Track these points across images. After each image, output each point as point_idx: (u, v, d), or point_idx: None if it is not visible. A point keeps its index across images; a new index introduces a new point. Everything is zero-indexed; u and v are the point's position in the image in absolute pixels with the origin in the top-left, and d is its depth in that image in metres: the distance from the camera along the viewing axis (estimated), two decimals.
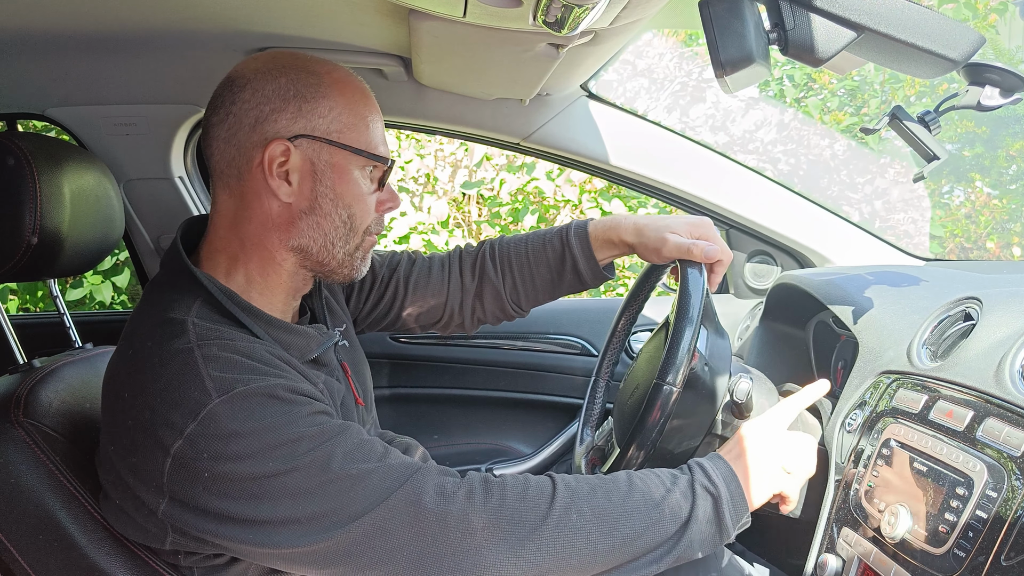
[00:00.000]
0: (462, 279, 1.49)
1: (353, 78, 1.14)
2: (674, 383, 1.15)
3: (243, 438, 0.95)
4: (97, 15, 1.28)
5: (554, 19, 0.95)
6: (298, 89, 1.08)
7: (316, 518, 0.96)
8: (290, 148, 1.07)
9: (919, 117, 1.16)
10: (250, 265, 1.13)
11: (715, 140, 4.49)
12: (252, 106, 1.07)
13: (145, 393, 0.99)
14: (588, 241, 1.41)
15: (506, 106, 1.87)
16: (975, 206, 4.61)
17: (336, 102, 1.09)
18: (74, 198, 1.28)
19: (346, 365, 1.27)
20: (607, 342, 1.57)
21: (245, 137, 1.08)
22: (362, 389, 1.32)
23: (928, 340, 1.25)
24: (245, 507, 0.96)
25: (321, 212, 1.11)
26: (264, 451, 0.95)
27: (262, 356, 1.03)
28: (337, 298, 1.40)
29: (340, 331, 1.28)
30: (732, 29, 0.91)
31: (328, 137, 1.09)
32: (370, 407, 1.37)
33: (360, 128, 1.11)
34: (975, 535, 0.95)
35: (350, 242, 1.15)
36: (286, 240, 1.12)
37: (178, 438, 0.95)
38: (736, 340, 1.98)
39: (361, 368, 1.36)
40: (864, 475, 1.18)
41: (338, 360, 1.25)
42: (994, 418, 1.01)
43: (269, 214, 1.11)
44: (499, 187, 4.55)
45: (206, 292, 1.07)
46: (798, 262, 2.09)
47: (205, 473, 0.95)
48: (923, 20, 0.91)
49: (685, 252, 1.28)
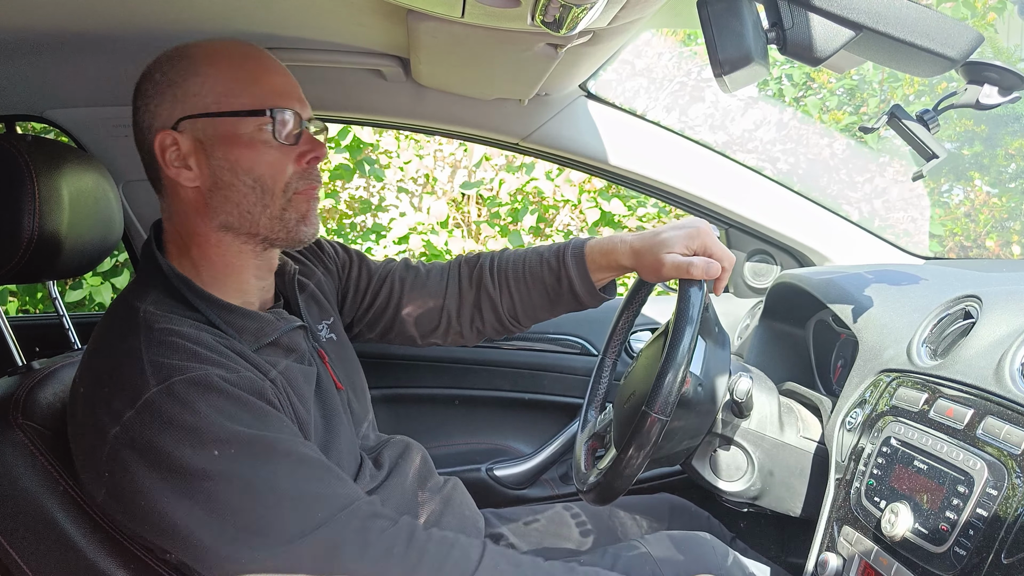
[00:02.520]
0: (460, 286, 1.47)
1: (230, 45, 1.13)
2: (663, 413, 1.14)
3: (176, 430, 0.94)
4: (95, 16, 1.28)
5: (552, 19, 0.95)
6: (169, 77, 1.10)
7: (232, 534, 0.95)
8: (176, 135, 1.09)
9: (918, 116, 1.16)
10: (192, 252, 1.15)
11: (714, 139, 4.50)
12: (140, 109, 1.12)
13: (93, 380, 1.01)
14: (584, 264, 1.38)
15: (505, 106, 1.87)
16: (974, 204, 4.61)
17: (207, 75, 1.10)
18: (73, 200, 1.28)
19: (323, 352, 1.27)
20: (617, 317, 1.56)
21: (143, 139, 1.12)
22: (348, 381, 1.31)
23: (928, 338, 1.25)
24: (171, 504, 0.95)
25: (225, 185, 1.11)
26: (196, 446, 0.94)
27: (208, 343, 1.04)
28: (326, 293, 1.40)
29: (327, 323, 1.31)
30: (731, 28, 0.91)
31: (206, 111, 1.09)
32: (364, 404, 1.36)
33: (240, 91, 1.10)
34: (976, 533, 0.95)
35: (271, 205, 1.13)
36: (208, 221, 1.13)
37: (115, 424, 0.95)
38: (736, 339, 1.98)
39: (347, 362, 1.36)
40: (864, 474, 1.18)
41: (314, 347, 1.25)
42: (994, 416, 1.01)
43: (186, 202, 1.13)
44: (498, 187, 4.56)
45: (164, 279, 1.10)
46: (798, 261, 2.09)
47: (138, 462, 0.95)
48: (921, 19, 0.91)
49: (684, 272, 1.23)
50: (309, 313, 1.30)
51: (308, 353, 1.22)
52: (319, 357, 1.25)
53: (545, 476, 2.16)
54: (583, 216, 4.58)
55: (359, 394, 1.36)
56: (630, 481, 1.19)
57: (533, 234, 4.68)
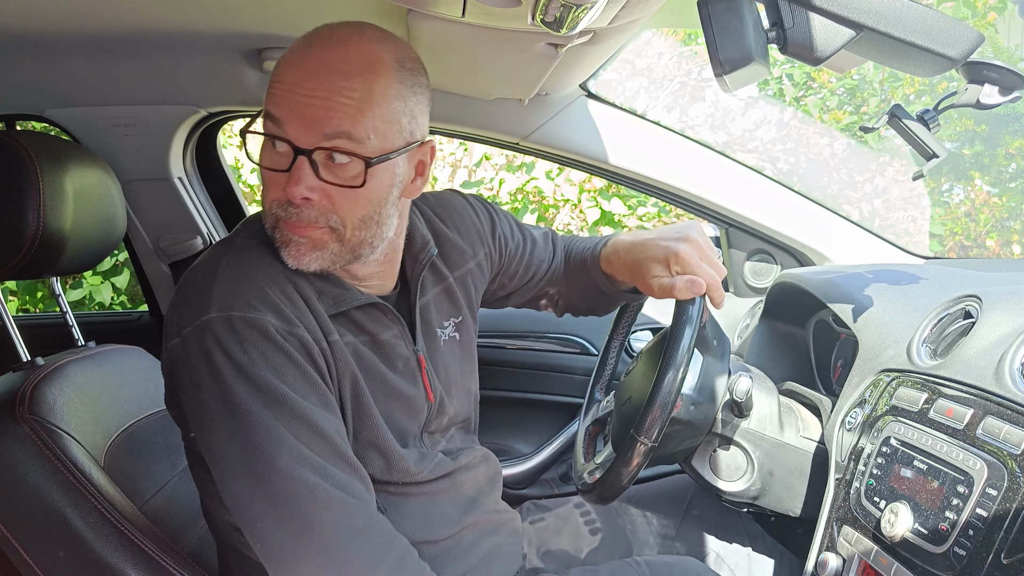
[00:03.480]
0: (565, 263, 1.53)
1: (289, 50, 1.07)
2: (649, 439, 1.14)
3: (222, 360, 0.98)
4: (96, 16, 1.28)
5: (553, 18, 0.95)
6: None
7: (235, 469, 1.00)
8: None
9: (918, 115, 1.16)
10: None
11: (714, 139, 4.50)
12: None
13: (179, 288, 1.06)
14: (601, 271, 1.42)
15: (505, 106, 1.87)
16: (974, 204, 4.61)
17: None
18: (77, 196, 1.28)
19: (423, 359, 1.22)
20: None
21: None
22: (449, 383, 1.27)
23: (928, 338, 1.25)
24: (202, 425, 1.01)
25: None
26: (230, 384, 0.98)
27: (281, 285, 1.06)
28: (475, 283, 1.37)
29: (455, 321, 1.30)
30: (731, 28, 0.91)
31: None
32: (462, 406, 1.31)
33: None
34: (975, 533, 0.95)
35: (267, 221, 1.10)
36: None
37: (176, 336, 1.01)
38: (736, 339, 1.98)
39: (459, 363, 1.31)
40: (864, 473, 1.18)
41: (415, 351, 1.21)
42: (994, 416, 1.01)
43: None
44: (499, 187, 4.56)
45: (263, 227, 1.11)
46: (798, 260, 2.09)
47: (186, 375, 1.00)
48: (922, 18, 0.91)
49: (670, 294, 1.22)
50: (436, 309, 1.28)
51: (385, 341, 1.18)
52: (418, 363, 1.21)
53: (545, 476, 2.16)
54: (583, 216, 4.58)
55: (460, 396, 1.30)
56: (622, 491, 1.20)
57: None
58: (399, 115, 1.06)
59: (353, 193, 1.04)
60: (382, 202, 1.08)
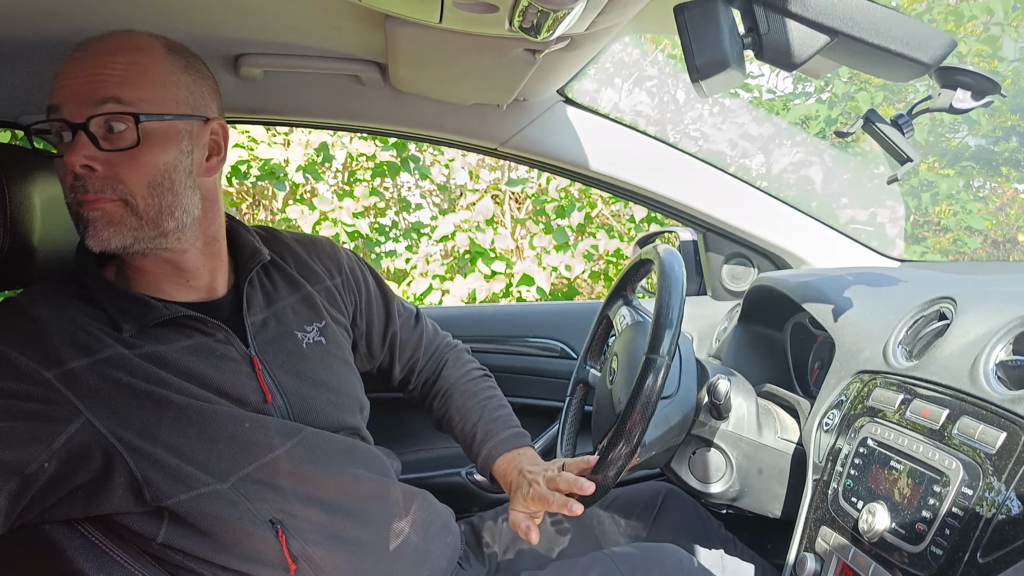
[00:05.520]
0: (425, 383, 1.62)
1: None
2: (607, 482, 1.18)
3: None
4: (73, 20, 1.27)
5: (530, 24, 0.95)
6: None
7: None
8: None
9: (892, 120, 1.17)
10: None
11: (697, 147, 4.52)
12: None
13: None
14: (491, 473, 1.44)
15: (483, 111, 1.86)
16: (1003, 200, 4.60)
17: None
18: (44, 207, 1.26)
19: (257, 359, 1.21)
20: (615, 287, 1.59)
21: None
22: (286, 382, 1.24)
23: (904, 340, 1.27)
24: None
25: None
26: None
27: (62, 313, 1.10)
28: (335, 301, 1.40)
29: (318, 326, 1.31)
30: (707, 34, 0.91)
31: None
32: (332, 414, 1.29)
33: None
34: (952, 532, 0.96)
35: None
36: None
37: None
38: (714, 342, 1.99)
39: (315, 365, 1.29)
40: (842, 474, 1.19)
41: (247, 354, 1.20)
42: (969, 416, 1.02)
43: None
44: (546, 183, 4.58)
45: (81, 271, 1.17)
46: (775, 264, 2.10)
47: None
48: (895, 24, 0.92)
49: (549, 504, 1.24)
50: (295, 313, 1.30)
51: (218, 343, 1.18)
52: (251, 363, 1.20)
53: None
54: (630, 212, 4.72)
55: (284, 399, 1.24)
56: (604, 493, 1.20)
57: (577, 232, 4.80)
58: (173, 86, 1.12)
59: (132, 157, 1.08)
60: (169, 168, 1.12)
